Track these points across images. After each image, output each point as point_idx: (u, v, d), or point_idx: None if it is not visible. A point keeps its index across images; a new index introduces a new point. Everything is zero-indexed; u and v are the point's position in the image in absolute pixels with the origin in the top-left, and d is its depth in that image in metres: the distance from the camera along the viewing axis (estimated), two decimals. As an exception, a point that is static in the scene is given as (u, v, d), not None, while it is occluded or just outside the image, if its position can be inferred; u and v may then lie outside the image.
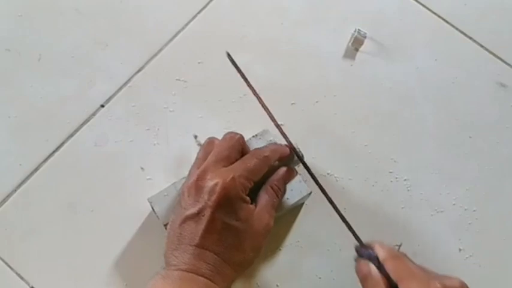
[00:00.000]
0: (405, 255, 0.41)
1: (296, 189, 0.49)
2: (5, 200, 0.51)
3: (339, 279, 0.50)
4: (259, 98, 0.46)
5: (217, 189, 0.40)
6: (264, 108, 0.46)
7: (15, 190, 0.51)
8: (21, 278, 0.49)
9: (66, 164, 0.53)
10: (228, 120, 0.55)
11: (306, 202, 0.52)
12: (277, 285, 0.49)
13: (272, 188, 0.45)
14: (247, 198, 0.42)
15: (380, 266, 0.40)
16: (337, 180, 0.53)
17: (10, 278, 0.48)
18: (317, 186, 0.45)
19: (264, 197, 0.44)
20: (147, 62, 0.57)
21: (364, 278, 0.40)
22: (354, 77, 0.58)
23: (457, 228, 0.52)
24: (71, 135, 0.54)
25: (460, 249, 0.51)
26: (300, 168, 0.49)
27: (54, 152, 0.53)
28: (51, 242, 0.50)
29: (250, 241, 0.42)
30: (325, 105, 0.56)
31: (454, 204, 0.53)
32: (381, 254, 0.40)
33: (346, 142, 0.55)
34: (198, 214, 0.40)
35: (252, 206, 0.42)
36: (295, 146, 0.48)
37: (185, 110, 0.55)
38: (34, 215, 0.51)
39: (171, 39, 0.58)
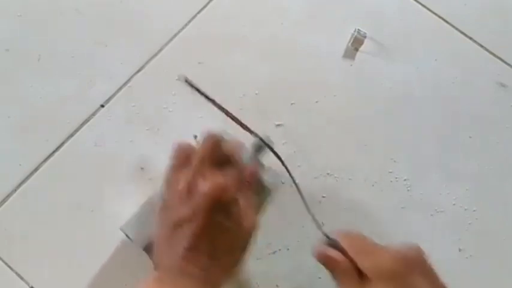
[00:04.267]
0: (361, 234, 0.42)
1: (267, 180, 0.49)
2: (5, 200, 0.51)
3: (339, 279, 0.50)
4: (220, 105, 0.46)
5: (211, 192, 0.40)
6: (220, 108, 0.47)
7: (15, 190, 0.51)
8: (21, 278, 0.49)
9: (66, 164, 0.53)
10: (227, 120, 0.55)
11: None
12: (277, 285, 0.49)
13: (247, 185, 0.45)
14: (238, 199, 0.42)
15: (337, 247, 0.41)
16: (337, 180, 0.53)
17: (10, 278, 0.48)
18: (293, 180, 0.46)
19: (243, 197, 0.44)
20: (147, 62, 0.57)
21: (324, 260, 0.41)
22: (353, 77, 0.58)
23: (457, 228, 0.52)
24: (71, 135, 0.54)
25: (460, 249, 0.51)
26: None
27: (54, 152, 0.53)
28: (51, 242, 0.50)
29: (240, 241, 0.42)
30: (325, 105, 0.56)
31: (454, 204, 0.53)
32: (339, 238, 0.41)
33: (346, 142, 0.55)
34: (192, 217, 0.40)
35: (240, 207, 0.42)
36: (264, 136, 0.48)
37: (185, 110, 0.55)
38: (34, 215, 0.51)
39: (171, 39, 0.58)
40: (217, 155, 0.44)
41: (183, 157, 0.44)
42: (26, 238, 0.50)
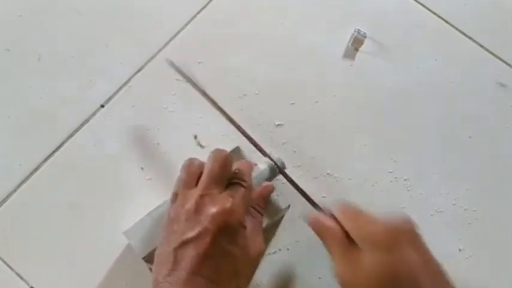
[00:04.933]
0: (356, 205, 0.43)
1: (274, 205, 0.49)
2: (4, 200, 0.51)
3: (339, 279, 0.50)
4: (231, 117, 0.47)
5: (219, 214, 0.39)
6: (237, 127, 0.47)
7: (15, 190, 0.52)
8: (21, 277, 0.49)
9: (66, 164, 0.53)
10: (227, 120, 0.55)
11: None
12: (277, 285, 0.49)
13: (255, 209, 0.45)
14: (245, 224, 0.41)
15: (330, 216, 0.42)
16: (337, 180, 0.53)
17: (10, 278, 0.48)
18: (302, 196, 0.46)
19: (251, 221, 0.43)
20: (147, 62, 0.57)
21: (317, 226, 0.42)
22: (353, 77, 0.58)
23: (457, 228, 0.52)
24: (71, 135, 0.54)
25: (460, 249, 0.51)
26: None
27: (54, 152, 0.53)
28: (51, 242, 0.50)
29: (245, 267, 0.41)
30: (325, 105, 0.56)
31: (454, 204, 0.53)
32: (333, 208, 0.42)
33: (346, 142, 0.55)
34: (197, 238, 0.39)
35: (247, 232, 0.42)
36: (276, 159, 0.48)
37: (185, 110, 0.55)
38: (34, 215, 0.51)
39: (171, 39, 0.58)
40: (226, 174, 0.43)
41: (193, 174, 0.43)
42: (26, 238, 0.50)
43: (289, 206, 0.51)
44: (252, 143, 0.47)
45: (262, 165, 0.48)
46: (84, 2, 0.60)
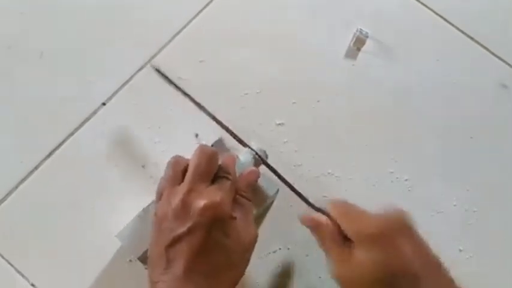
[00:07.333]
0: (348, 202, 0.43)
1: (263, 189, 0.49)
2: (5, 198, 0.51)
3: (339, 278, 0.50)
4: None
5: (208, 208, 0.39)
6: (213, 118, 0.47)
7: (16, 187, 0.52)
8: (22, 275, 0.49)
9: (67, 162, 0.53)
10: (229, 118, 0.55)
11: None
12: (277, 285, 0.49)
13: (243, 196, 0.44)
14: (235, 215, 0.41)
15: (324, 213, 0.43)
16: (337, 180, 0.53)
17: (11, 275, 0.48)
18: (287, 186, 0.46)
19: (239, 209, 0.43)
20: (148, 61, 0.57)
21: (313, 226, 0.43)
22: (355, 76, 0.58)
23: (457, 229, 0.52)
24: (72, 133, 0.54)
25: (460, 250, 0.51)
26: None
27: (55, 149, 0.53)
28: (52, 239, 0.50)
29: (240, 257, 0.41)
30: (326, 104, 0.56)
31: (454, 205, 0.53)
32: (327, 207, 0.43)
33: (347, 141, 0.55)
34: (188, 234, 0.38)
35: (237, 222, 0.41)
36: (257, 148, 0.48)
37: (186, 109, 0.55)
38: (35, 212, 0.51)
39: (173, 38, 0.58)
40: (212, 169, 0.43)
41: (178, 171, 0.43)
42: (27, 235, 0.50)
43: (278, 191, 0.50)
44: (232, 135, 0.48)
45: (243, 156, 0.48)
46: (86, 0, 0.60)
